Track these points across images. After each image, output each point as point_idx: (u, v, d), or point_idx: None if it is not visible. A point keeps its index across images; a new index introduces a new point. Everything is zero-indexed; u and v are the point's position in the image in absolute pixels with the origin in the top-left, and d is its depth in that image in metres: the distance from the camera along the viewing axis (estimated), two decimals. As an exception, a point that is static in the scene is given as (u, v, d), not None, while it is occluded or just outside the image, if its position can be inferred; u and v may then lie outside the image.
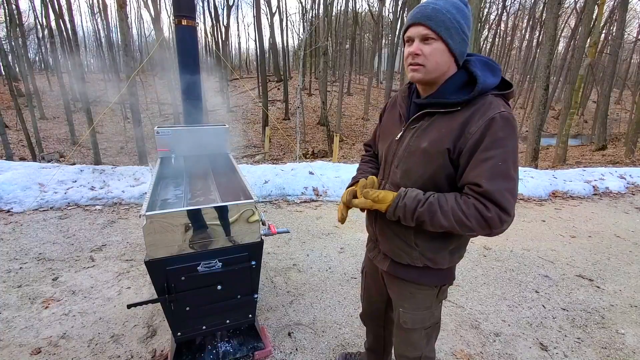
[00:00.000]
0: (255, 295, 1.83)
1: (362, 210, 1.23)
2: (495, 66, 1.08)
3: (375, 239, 1.33)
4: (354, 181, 1.33)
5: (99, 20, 27.37)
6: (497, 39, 30.36)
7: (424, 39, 1.03)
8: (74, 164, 5.31)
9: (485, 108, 1.00)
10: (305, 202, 4.62)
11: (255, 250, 1.72)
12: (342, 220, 1.26)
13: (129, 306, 1.61)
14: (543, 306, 2.58)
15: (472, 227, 1.00)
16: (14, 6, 17.67)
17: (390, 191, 1.13)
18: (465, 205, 0.99)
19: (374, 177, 1.16)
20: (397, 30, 24.56)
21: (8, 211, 3.85)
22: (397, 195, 1.08)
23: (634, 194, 5.53)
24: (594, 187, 5.57)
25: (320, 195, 4.77)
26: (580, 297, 2.71)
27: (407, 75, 1.10)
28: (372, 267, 1.48)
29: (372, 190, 1.13)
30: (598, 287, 2.87)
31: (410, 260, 1.20)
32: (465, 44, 1.05)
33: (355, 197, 1.21)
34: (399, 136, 1.17)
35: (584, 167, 7.62)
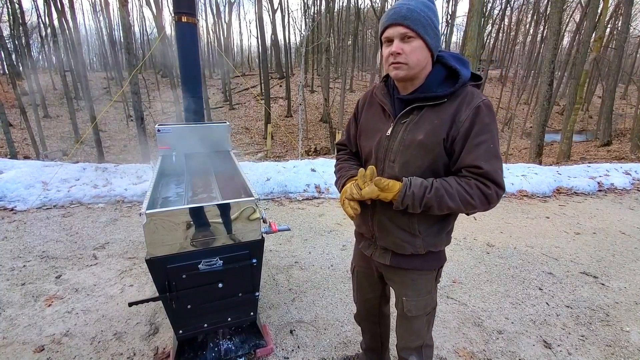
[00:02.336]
0: (257, 293, 1.82)
1: (366, 202, 1.22)
2: (465, 60, 1.17)
3: (371, 236, 1.34)
4: (346, 178, 1.31)
5: (101, 18, 27.41)
6: (500, 34, 30.09)
7: (403, 38, 1.08)
8: (77, 162, 5.32)
9: (470, 98, 1.10)
10: (307, 199, 4.61)
11: (256, 248, 1.71)
12: (357, 214, 1.23)
13: (130, 304, 1.61)
14: (547, 303, 2.56)
15: (475, 205, 1.09)
16: (17, 5, 17.72)
17: (396, 180, 1.14)
18: (468, 186, 1.08)
19: (373, 167, 1.16)
20: (400, 26, 24.33)
21: (12, 209, 3.87)
22: (404, 185, 1.11)
23: (639, 190, 5.47)
24: (598, 183, 5.52)
25: (323, 192, 4.76)
26: (585, 295, 2.69)
27: (390, 74, 1.15)
28: (364, 264, 1.49)
29: (383, 178, 1.14)
30: (602, 284, 2.85)
31: (414, 249, 1.24)
32: (439, 39, 1.13)
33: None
34: (389, 132, 1.19)
35: (589, 163, 7.56)
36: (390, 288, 1.50)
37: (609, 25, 18.80)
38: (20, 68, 21.93)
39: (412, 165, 1.14)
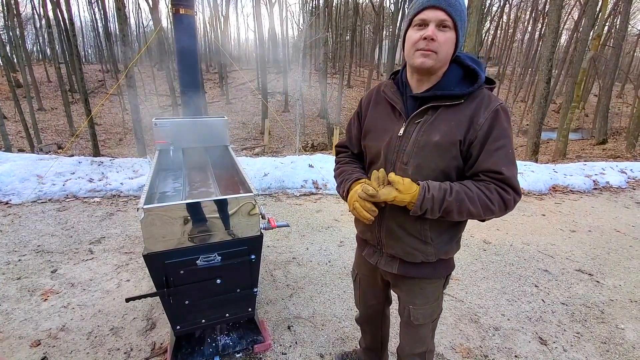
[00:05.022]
0: (255, 289, 1.82)
1: (380, 204, 1.13)
2: (481, 62, 1.14)
3: (377, 243, 1.27)
4: (352, 182, 1.22)
5: (96, 9, 27.02)
6: (499, 31, 30.07)
7: (441, 25, 1.01)
8: (72, 155, 5.27)
9: (487, 101, 1.06)
10: (304, 195, 4.60)
11: (254, 244, 1.71)
12: (375, 216, 1.12)
13: (127, 300, 1.60)
14: (542, 300, 2.58)
15: (494, 211, 1.05)
16: (10, -5, 17.41)
17: (412, 181, 1.07)
18: (488, 191, 1.04)
19: (383, 170, 1.11)
20: (398, 22, 24.24)
21: (7, 203, 3.83)
22: (422, 187, 1.04)
23: (634, 189, 5.52)
24: (594, 181, 5.56)
25: (320, 188, 4.75)
26: (580, 292, 2.72)
27: (414, 61, 1.05)
28: (367, 272, 1.45)
29: (399, 177, 1.06)
30: (598, 281, 2.87)
31: (424, 257, 1.19)
32: (463, 39, 1.11)
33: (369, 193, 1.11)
34: (402, 132, 1.12)
35: (585, 161, 7.61)
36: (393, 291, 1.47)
37: (607, 24, 18.82)
38: (15, 59, 21.61)
39: (426, 167, 1.09)
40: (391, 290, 1.49)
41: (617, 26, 16.03)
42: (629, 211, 4.56)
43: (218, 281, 1.68)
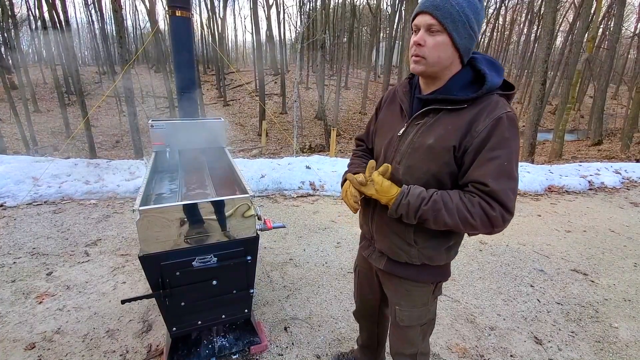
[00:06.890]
0: (251, 290, 1.82)
1: (360, 198, 1.17)
2: (499, 67, 1.08)
3: (371, 237, 1.31)
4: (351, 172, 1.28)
5: (92, 11, 26.96)
6: (495, 33, 30.29)
7: (429, 30, 1.00)
8: (68, 157, 5.25)
9: (492, 107, 1.00)
10: (302, 196, 4.60)
11: (251, 245, 1.71)
12: (357, 204, 1.16)
13: (123, 302, 1.60)
14: (538, 300, 2.60)
15: (476, 226, 1.00)
16: (5, -4, 17.33)
17: (394, 185, 1.09)
18: (471, 204, 0.99)
19: (388, 165, 1.10)
20: (395, 24, 24.37)
21: (1, 205, 3.81)
22: (400, 192, 1.05)
23: (629, 189, 5.56)
24: (589, 182, 5.60)
25: (317, 189, 4.76)
26: (575, 292, 2.73)
27: (410, 66, 1.07)
28: (366, 265, 1.47)
29: (380, 177, 1.08)
30: (592, 281, 2.89)
31: (408, 258, 1.19)
32: (472, 40, 1.02)
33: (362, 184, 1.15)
34: (401, 132, 1.13)
35: (580, 162, 7.67)
36: None
37: (602, 26, 19.01)
38: (10, 61, 21.48)
39: (416, 170, 1.08)
40: None
41: (611, 28, 16.19)
42: (623, 211, 4.60)
43: (214, 282, 1.68)
